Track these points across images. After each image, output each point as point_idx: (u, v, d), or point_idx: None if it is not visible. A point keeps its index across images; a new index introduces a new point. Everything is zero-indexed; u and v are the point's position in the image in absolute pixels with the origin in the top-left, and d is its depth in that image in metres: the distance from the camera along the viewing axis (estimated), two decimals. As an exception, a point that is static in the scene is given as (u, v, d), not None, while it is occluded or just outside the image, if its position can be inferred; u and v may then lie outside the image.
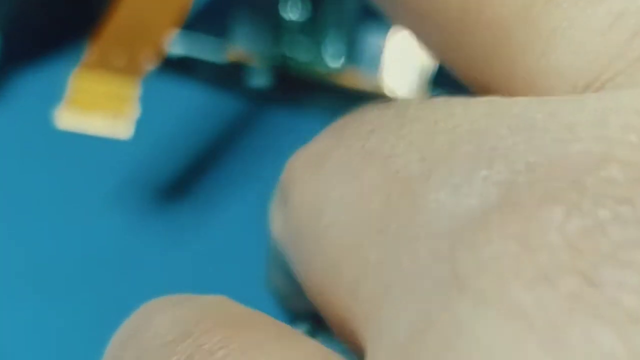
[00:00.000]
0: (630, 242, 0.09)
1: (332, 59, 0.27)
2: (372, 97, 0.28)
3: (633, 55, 0.10)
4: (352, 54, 0.27)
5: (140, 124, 0.22)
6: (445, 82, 0.27)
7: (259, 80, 0.28)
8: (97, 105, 0.22)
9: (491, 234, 0.09)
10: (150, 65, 0.23)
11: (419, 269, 0.10)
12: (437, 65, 0.27)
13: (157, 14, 0.24)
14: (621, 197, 0.09)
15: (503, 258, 0.09)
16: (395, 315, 0.10)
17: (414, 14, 0.12)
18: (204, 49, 0.29)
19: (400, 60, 0.27)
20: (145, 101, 0.22)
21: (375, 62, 0.27)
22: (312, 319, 0.16)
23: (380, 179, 0.11)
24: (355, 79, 0.27)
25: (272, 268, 0.18)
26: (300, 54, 0.28)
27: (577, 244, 0.09)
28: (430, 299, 0.09)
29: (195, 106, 0.28)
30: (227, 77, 0.28)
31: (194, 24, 0.30)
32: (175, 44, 0.29)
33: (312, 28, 0.27)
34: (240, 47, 0.28)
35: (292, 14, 0.28)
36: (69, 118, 0.22)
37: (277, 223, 0.13)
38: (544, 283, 0.09)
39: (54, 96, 0.23)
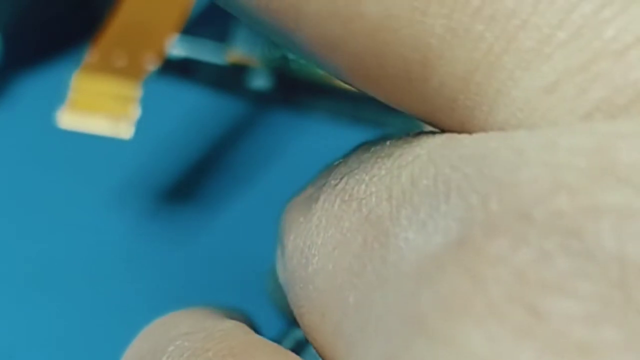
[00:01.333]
0: (576, 273, 0.09)
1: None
2: (372, 99, 0.28)
3: (579, 113, 0.10)
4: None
5: (142, 126, 0.22)
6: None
7: (260, 82, 0.28)
8: (99, 106, 0.22)
9: (446, 271, 0.10)
10: (151, 66, 0.23)
11: (389, 308, 0.10)
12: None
13: (158, 16, 0.24)
14: (568, 228, 0.09)
15: (455, 295, 0.09)
16: (366, 355, 0.10)
17: (363, 78, 0.12)
18: (204, 51, 0.29)
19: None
20: (147, 103, 0.22)
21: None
22: None
23: (357, 222, 0.11)
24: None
25: (274, 285, 0.18)
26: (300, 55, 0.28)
27: (524, 276, 0.09)
28: (395, 338, 0.10)
29: (196, 108, 0.28)
30: (228, 79, 0.28)
31: (194, 25, 0.30)
32: (176, 46, 0.29)
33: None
34: (241, 48, 0.28)
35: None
36: (70, 119, 0.22)
37: (280, 267, 0.13)
38: (493, 318, 0.09)
39: (55, 97, 0.23)
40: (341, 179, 0.12)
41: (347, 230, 0.11)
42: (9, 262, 0.23)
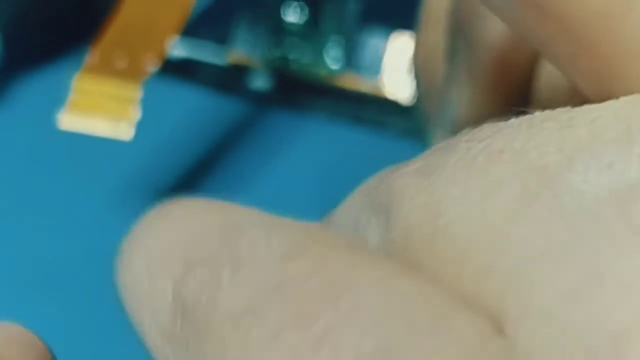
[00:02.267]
0: None
1: (333, 62, 0.27)
2: (372, 99, 0.28)
3: None
4: (353, 56, 0.27)
5: (143, 127, 0.22)
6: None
7: (260, 82, 0.28)
8: (100, 107, 0.22)
9: None
10: (152, 67, 0.23)
11: (577, 235, 0.10)
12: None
13: (158, 17, 0.24)
14: None
15: None
16: (541, 287, 0.10)
17: (547, 21, 0.12)
18: (205, 52, 0.29)
19: (399, 64, 0.27)
20: (148, 104, 0.23)
21: (375, 65, 0.27)
22: None
23: (512, 171, 0.11)
24: (356, 82, 0.27)
25: None
26: (300, 56, 0.28)
27: None
28: (590, 262, 0.09)
29: (197, 108, 0.28)
30: (228, 79, 0.28)
31: (195, 26, 0.30)
32: (177, 47, 0.29)
33: (313, 31, 0.28)
34: (241, 49, 0.29)
35: (292, 16, 0.28)
36: (71, 120, 0.22)
37: (373, 237, 0.13)
38: None
39: (56, 98, 0.23)
40: (481, 141, 0.11)
41: (497, 180, 0.11)
42: (9, 262, 0.23)
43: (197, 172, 0.26)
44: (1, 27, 0.28)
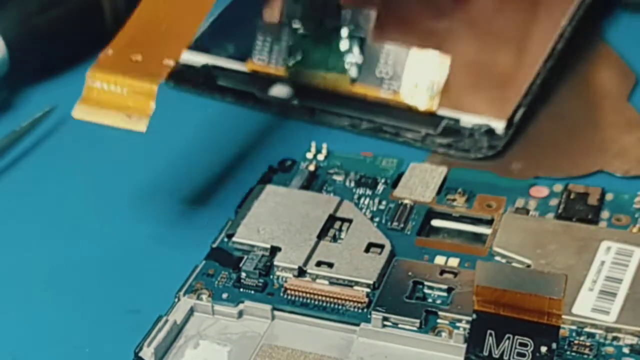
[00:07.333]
0: None
1: (352, 70, 0.27)
2: (390, 106, 0.28)
3: None
4: (371, 64, 0.27)
5: (162, 134, 0.22)
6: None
7: (280, 89, 0.28)
8: (114, 100, 0.22)
9: None
10: (168, 62, 0.23)
11: None
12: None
13: (176, 14, 0.24)
14: None
15: None
16: None
17: None
18: (225, 59, 0.29)
19: (416, 73, 0.27)
20: (167, 111, 0.22)
21: (394, 74, 0.27)
22: None
23: None
24: (374, 89, 0.27)
25: None
26: (320, 64, 0.28)
27: None
28: None
29: (217, 116, 0.28)
30: (248, 86, 0.29)
31: (215, 33, 0.30)
32: (196, 55, 0.29)
33: (332, 39, 0.28)
34: (261, 56, 0.29)
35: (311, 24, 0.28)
36: (85, 111, 0.22)
37: None
38: None
39: (63, 108, 0.23)
40: None
41: None
42: (23, 264, 0.24)
43: (217, 178, 0.26)
44: (7, 38, 0.29)
